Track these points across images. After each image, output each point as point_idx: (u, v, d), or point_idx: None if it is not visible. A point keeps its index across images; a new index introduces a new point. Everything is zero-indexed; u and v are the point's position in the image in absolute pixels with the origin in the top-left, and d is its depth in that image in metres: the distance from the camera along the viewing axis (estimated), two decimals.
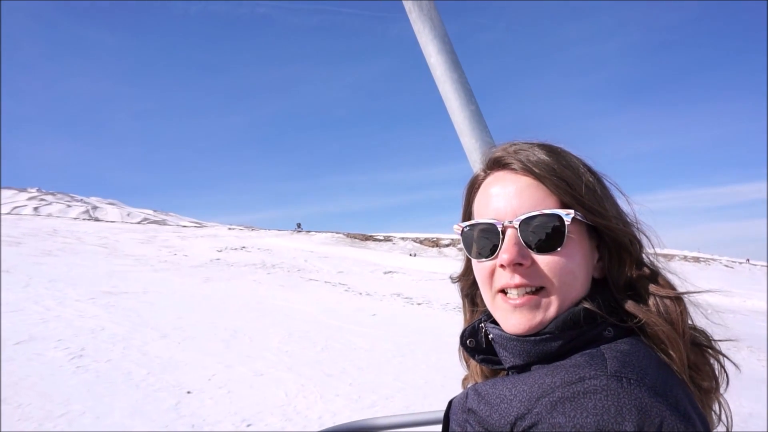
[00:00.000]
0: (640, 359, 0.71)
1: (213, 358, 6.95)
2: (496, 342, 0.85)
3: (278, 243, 28.66)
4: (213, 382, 5.99)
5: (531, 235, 0.78)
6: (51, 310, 8.50)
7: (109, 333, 7.52)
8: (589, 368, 0.69)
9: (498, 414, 0.73)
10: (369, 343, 8.68)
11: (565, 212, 0.78)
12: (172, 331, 8.02)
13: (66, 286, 10.95)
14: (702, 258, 28.38)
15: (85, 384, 5.51)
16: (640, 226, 0.86)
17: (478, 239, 0.84)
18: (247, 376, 6.33)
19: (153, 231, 30.24)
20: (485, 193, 0.87)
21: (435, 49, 1.46)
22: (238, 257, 21.34)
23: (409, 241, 32.85)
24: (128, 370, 6.11)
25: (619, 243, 0.81)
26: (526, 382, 0.73)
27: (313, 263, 21.64)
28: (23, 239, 19.58)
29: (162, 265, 17.37)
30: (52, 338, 6.97)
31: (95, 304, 9.43)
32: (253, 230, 36.12)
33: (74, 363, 6.14)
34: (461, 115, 1.43)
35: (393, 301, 14.55)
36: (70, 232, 24.94)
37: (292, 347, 7.92)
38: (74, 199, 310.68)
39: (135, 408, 5.03)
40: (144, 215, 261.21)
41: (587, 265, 0.82)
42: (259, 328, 8.96)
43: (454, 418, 0.85)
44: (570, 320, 0.76)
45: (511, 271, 0.78)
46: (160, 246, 22.91)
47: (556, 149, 0.85)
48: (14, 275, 11.43)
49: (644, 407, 0.62)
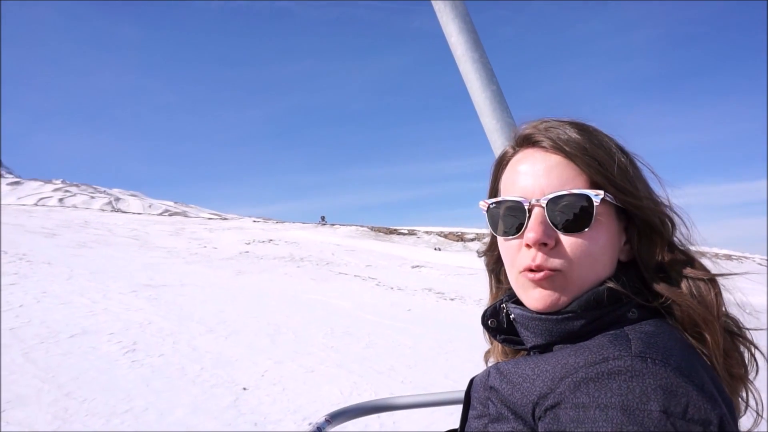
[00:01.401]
0: (665, 340, 0.69)
1: (261, 353, 6.94)
2: (518, 322, 0.84)
3: (304, 236, 28.75)
4: (266, 379, 5.97)
5: (558, 214, 0.77)
6: (97, 303, 8.59)
7: (157, 327, 7.56)
8: (613, 348, 0.68)
9: (520, 393, 0.72)
10: (411, 340, 8.60)
11: (595, 193, 0.76)
12: (217, 326, 8.04)
13: (107, 278, 11.08)
14: (734, 256, 27.66)
15: (143, 379, 5.52)
16: (673, 208, 0.83)
17: (504, 217, 0.83)
18: (299, 373, 6.30)
19: (180, 223, 30.58)
20: (513, 170, 0.85)
21: (456, 28, 1.42)
22: (267, 250, 21.43)
23: (434, 235, 32.68)
24: (181, 365, 6.12)
25: (651, 224, 0.80)
26: (549, 361, 0.72)
27: (340, 257, 21.64)
28: (57, 231, 19.92)
29: (193, 258, 17.52)
30: (103, 332, 7.03)
31: (138, 297, 9.51)
32: (278, 223, 36.28)
33: (128, 357, 6.17)
34: (482, 95, 1.39)
35: (425, 296, 14.45)
36: (101, 223, 25.33)
37: (336, 343, 7.88)
38: (97, 190, 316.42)
39: (195, 405, 5.03)
40: (165, 207, 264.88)
41: (613, 248, 0.80)
42: (300, 324, 8.94)
43: (476, 396, 0.85)
44: (593, 300, 0.75)
45: (535, 251, 0.77)
46: (189, 238, 23.14)
47: (588, 128, 0.83)
48: (56, 267, 11.60)
49: (670, 387, 0.61)
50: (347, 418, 1.45)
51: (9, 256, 12.13)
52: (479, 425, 0.80)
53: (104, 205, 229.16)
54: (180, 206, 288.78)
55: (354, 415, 1.47)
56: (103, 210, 39.94)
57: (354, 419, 1.48)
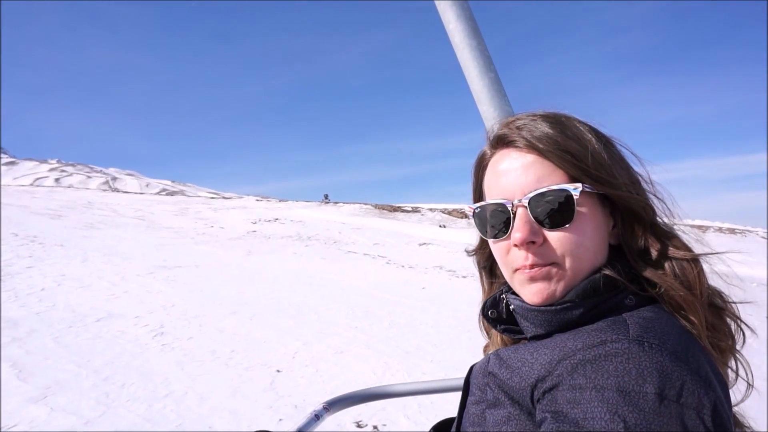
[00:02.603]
0: (662, 325, 0.71)
1: (288, 335, 6.94)
2: (517, 312, 0.86)
3: (309, 214, 28.67)
4: (298, 360, 5.97)
5: (541, 212, 0.78)
6: (117, 286, 8.56)
7: (181, 309, 7.54)
8: (610, 332, 0.69)
9: (519, 377, 0.74)
10: (432, 319, 8.62)
11: (573, 186, 0.77)
12: (239, 307, 8.03)
13: (121, 260, 11.03)
14: (737, 229, 27.72)
15: (176, 363, 5.52)
16: (655, 189, 0.84)
17: (491, 219, 0.84)
18: (328, 354, 6.31)
19: (183, 203, 30.44)
20: (493, 171, 0.87)
21: (454, 15, 1.41)
22: (273, 229, 21.38)
23: (438, 212, 32.64)
24: (212, 348, 6.12)
25: (631, 210, 0.81)
26: (548, 346, 0.74)
27: (347, 235, 21.61)
28: (62, 212, 19.80)
29: (201, 238, 17.46)
30: (128, 315, 7.01)
31: (155, 279, 9.48)
32: (281, 201, 36.15)
33: (158, 341, 6.16)
34: (480, 83, 1.39)
35: (437, 274, 14.47)
36: (105, 204, 25.19)
37: (360, 323, 7.88)
38: (93, 170, 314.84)
39: (233, 388, 5.03)
40: (162, 186, 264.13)
41: (601, 235, 0.81)
42: (320, 304, 8.93)
43: (475, 383, 0.86)
44: (590, 288, 0.76)
45: (525, 250, 0.79)
46: (195, 218, 23.05)
47: (560, 119, 0.83)
48: (69, 249, 11.54)
49: (665, 371, 0.62)
50: (345, 405, 1.49)
51: (20, 239, 12.06)
52: (477, 411, 0.82)
53: (101, 185, 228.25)
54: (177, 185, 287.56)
55: (352, 403, 1.51)
56: (104, 190, 39.74)
57: (352, 407, 1.52)
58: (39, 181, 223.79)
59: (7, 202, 19.75)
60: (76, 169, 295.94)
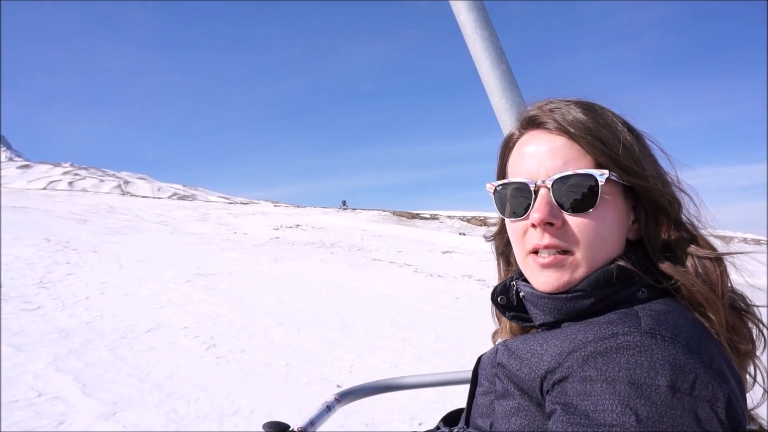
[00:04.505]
0: (674, 318, 0.69)
1: (338, 347, 6.81)
2: (527, 299, 0.84)
3: (329, 221, 28.59)
4: (355, 375, 5.83)
5: (563, 195, 0.77)
6: (159, 294, 8.47)
7: (227, 320, 7.43)
8: (622, 325, 0.68)
9: (528, 368, 0.72)
10: (475, 331, 8.46)
11: (600, 173, 0.76)
12: (284, 318, 7.91)
13: (156, 267, 10.97)
14: (763, 240, 27.22)
15: (236, 378, 5.39)
16: (682, 186, 0.83)
17: (511, 198, 0.83)
18: (384, 368, 6.17)
19: (203, 208, 30.48)
20: (519, 152, 0.85)
21: (465, 6, 1.39)
22: (296, 236, 21.31)
23: (456, 220, 32.44)
24: (266, 361, 5.99)
25: (657, 203, 0.79)
26: (558, 337, 0.72)
27: (370, 242, 21.49)
28: (87, 217, 19.86)
29: (226, 244, 17.41)
30: (176, 325, 6.90)
31: (194, 287, 9.39)
32: (299, 207, 36.13)
33: (211, 353, 6.05)
34: (491, 74, 1.37)
35: (467, 283, 14.30)
36: (126, 209, 25.27)
37: (406, 335, 7.74)
38: (106, 173, 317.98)
39: (298, 405, 4.90)
40: (173, 190, 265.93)
41: (621, 227, 0.80)
42: (361, 314, 8.80)
43: (483, 373, 0.85)
44: (603, 278, 0.75)
45: (542, 231, 0.78)
46: (217, 224, 23.04)
47: (594, 107, 0.82)
48: (102, 255, 11.50)
49: (678, 363, 0.60)
50: (357, 397, 1.51)
51: (53, 244, 12.04)
52: (485, 402, 0.81)
53: (113, 189, 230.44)
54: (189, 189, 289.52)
55: (363, 395, 1.53)
56: (121, 194, 40.01)
57: (363, 398, 1.55)
58: (52, 185, 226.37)
59: (32, 207, 19.86)
60: (89, 173, 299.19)
